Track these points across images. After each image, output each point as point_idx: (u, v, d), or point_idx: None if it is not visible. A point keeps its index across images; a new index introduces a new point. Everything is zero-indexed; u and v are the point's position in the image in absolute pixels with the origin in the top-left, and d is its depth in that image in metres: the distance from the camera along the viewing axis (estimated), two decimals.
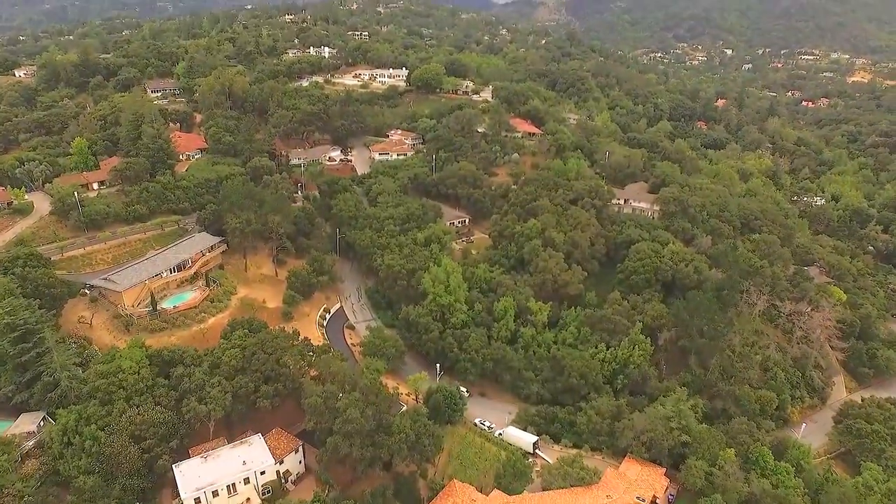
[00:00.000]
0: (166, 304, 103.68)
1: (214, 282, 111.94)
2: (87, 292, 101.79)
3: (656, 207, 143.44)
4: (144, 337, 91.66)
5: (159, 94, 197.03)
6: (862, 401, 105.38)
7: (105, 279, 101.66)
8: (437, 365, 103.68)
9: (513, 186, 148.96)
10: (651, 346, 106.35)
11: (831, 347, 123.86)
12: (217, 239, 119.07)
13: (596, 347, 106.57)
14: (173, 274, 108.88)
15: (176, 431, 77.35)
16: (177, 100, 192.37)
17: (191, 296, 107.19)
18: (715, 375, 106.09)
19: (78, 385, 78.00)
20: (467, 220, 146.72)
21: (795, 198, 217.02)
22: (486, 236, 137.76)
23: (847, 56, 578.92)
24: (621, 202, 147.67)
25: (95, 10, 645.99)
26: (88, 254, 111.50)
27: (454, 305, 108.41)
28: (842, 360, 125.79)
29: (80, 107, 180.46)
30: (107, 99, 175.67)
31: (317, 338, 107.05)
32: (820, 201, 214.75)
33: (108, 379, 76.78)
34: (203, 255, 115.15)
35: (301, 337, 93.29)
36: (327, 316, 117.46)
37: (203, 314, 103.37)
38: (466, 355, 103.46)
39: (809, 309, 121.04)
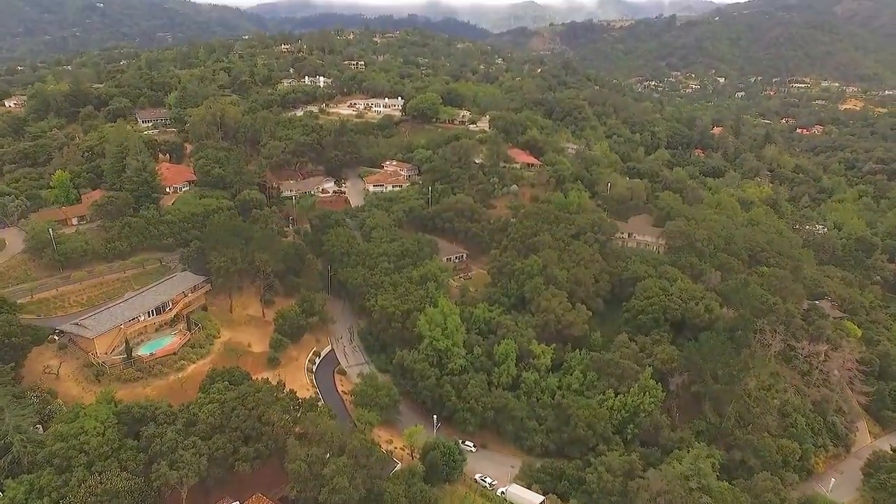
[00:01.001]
0: (143, 351, 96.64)
1: (196, 325, 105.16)
2: (56, 339, 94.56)
3: (662, 241, 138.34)
4: (115, 389, 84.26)
5: (150, 124, 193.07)
6: (892, 450, 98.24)
7: (76, 324, 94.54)
8: (434, 417, 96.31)
9: (512, 220, 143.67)
10: (662, 391, 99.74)
11: (851, 390, 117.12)
12: (200, 278, 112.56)
13: (604, 394, 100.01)
14: (152, 317, 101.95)
15: (143, 501, 69.30)
16: (167, 130, 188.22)
17: (170, 341, 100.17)
18: (731, 423, 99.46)
19: (34, 449, 70.10)
20: (465, 256, 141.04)
21: (797, 226, 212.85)
22: (485, 272, 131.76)
23: (837, 84, 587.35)
24: (625, 236, 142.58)
25: (96, 40, 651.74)
26: (61, 295, 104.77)
27: (452, 350, 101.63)
28: (863, 403, 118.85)
29: (69, 137, 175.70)
30: (96, 129, 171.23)
31: (305, 385, 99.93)
32: (822, 230, 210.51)
33: (67, 442, 68.91)
34: (185, 296, 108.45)
35: (286, 389, 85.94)
36: (317, 360, 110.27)
37: (182, 361, 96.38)
38: (465, 404, 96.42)
39: (827, 348, 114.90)
